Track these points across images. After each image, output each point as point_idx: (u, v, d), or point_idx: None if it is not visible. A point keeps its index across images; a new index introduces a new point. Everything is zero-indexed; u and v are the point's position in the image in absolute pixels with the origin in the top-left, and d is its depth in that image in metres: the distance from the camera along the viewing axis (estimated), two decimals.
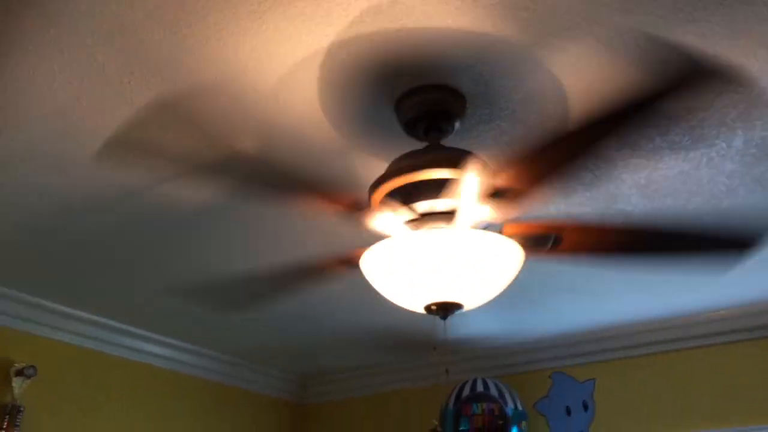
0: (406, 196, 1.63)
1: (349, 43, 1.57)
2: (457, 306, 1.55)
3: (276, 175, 1.64)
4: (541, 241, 1.58)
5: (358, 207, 1.64)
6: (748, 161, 2.03)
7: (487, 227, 1.58)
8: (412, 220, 1.65)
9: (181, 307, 3.16)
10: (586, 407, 3.46)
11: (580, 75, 1.65)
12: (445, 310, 1.54)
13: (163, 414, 3.56)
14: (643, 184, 2.13)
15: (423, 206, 1.62)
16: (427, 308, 1.56)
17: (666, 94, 1.26)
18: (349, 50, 1.59)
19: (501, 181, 1.51)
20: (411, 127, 1.75)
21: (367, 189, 1.67)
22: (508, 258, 1.51)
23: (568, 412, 3.50)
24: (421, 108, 1.74)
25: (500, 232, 1.58)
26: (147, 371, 3.53)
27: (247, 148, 1.89)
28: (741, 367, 3.19)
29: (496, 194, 1.53)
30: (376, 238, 1.62)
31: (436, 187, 1.58)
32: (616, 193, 2.16)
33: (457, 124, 1.75)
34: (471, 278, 1.51)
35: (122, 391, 3.40)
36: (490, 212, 1.56)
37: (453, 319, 3.24)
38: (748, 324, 3.20)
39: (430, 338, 3.59)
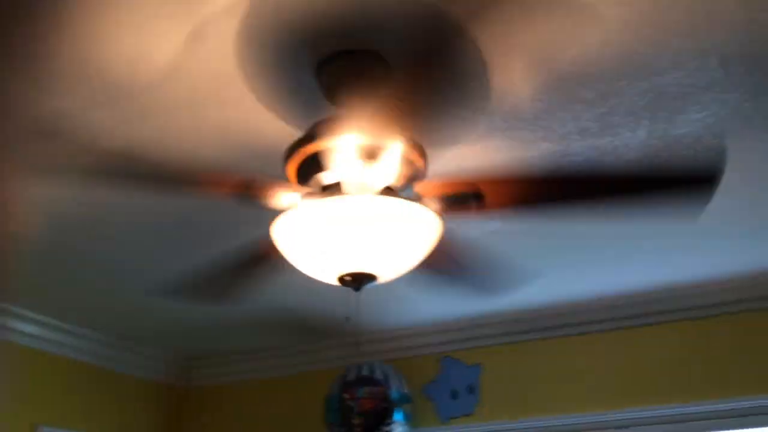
0: (310, 168, 1.55)
1: None
2: (371, 277, 1.50)
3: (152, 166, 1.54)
4: (461, 200, 1.54)
5: (257, 186, 1.55)
6: (650, 153, 2.12)
7: (403, 192, 1.54)
8: (323, 191, 1.59)
9: (48, 280, 2.91)
10: (472, 390, 3.54)
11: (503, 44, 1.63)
12: (358, 281, 1.50)
13: (23, 394, 3.27)
14: (550, 168, 2.17)
15: (326, 177, 1.55)
16: (340, 279, 1.51)
17: None
18: (270, 1, 1.50)
19: (386, 138, 1.45)
20: (332, 94, 1.68)
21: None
22: (423, 226, 1.48)
23: (455, 395, 3.56)
24: (341, 74, 1.67)
25: (417, 196, 1.54)
26: (9, 349, 3.24)
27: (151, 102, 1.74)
28: (622, 353, 3.37)
29: (387, 154, 1.46)
30: None
31: (324, 159, 1.51)
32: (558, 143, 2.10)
33: (381, 91, 1.69)
34: (385, 248, 1.47)
35: None
36: (394, 174, 1.50)
37: (348, 306, 3.23)
38: (626, 312, 3.39)
39: (326, 321, 3.53)
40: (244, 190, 1.53)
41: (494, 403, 3.50)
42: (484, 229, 2.54)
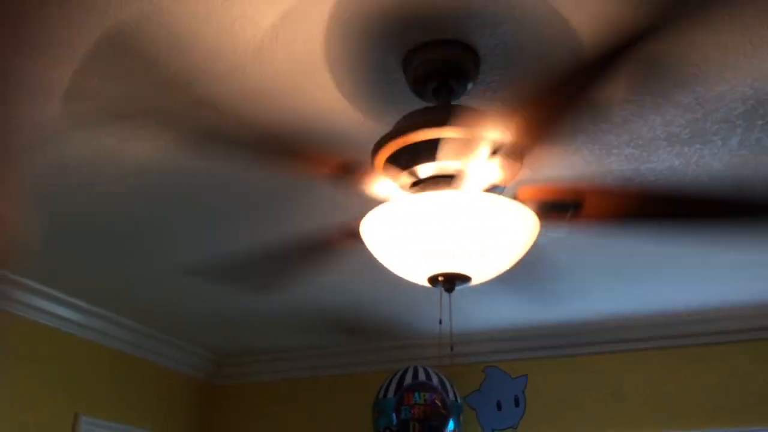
0: (409, 158, 1.49)
1: None
2: (464, 278, 1.42)
3: (262, 136, 1.48)
4: (559, 207, 1.47)
5: (354, 170, 1.49)
6: (736, 163, 2.02)
7: (500, 192, 1.46)
8: (415, 185, 1.52)
9: (93, 266, 2.85)
10: (517, 403, 3.44)
11: (596, 17, 1.54)
12: (450, 282, 1.42)
13: (66, 383, 3.23)
14: (629, 177, 2.08)
15: (426, 169, 1.49)
16: (432, 279, 1.43)
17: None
18: None
19: (507, 137, 1.39)
20: (419, 87, 1.62)
21: (370, 151, 1.53)
22: (521, 226, 1.40)
23: (499, 406, 3.46)
24: (431, 65, 1.60)
25: (515, 197, 1.46)
26: (53, 336, 3.20)
27: (235, 85, 1.68)
28: (671, 373, 3.26)
29: (502, 152, 1.40)
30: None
31: (440, 148, 1.45)
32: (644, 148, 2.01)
33: (469, 85, 1.62)
34: (481, 248, 1.39)
35: (25, 355, 3.06)
36: (499, 173, 1.44)
37: (392, 306, 3.16)
38: (681, 331, 3.27)
39: (366, 322, 3.46)
40: (345, 172, 1.47)
41: (539, 416, 3.40)
42: (548, 237, 2.46)
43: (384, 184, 1.52)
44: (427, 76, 1.60)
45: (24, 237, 2.56)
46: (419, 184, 1.49)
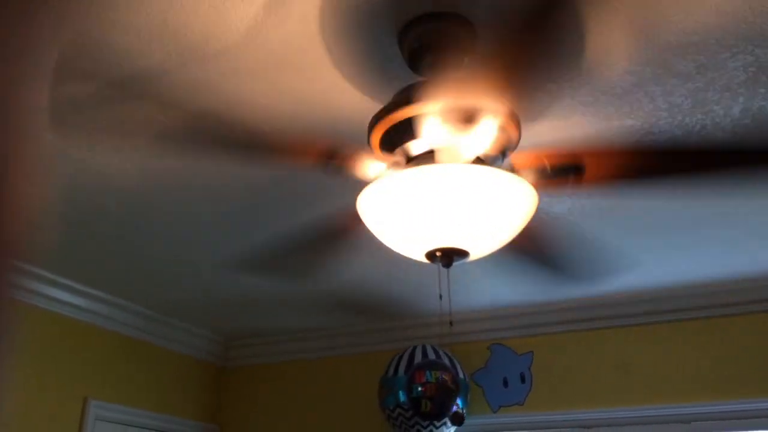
0: (399, 136, 1.47)
1: None
2: (462, 253, 1.41)
3: (243, 130, 1.46)
4: (560, 173, 1.44)
5: (352, 152, 1.48)
6: (738, 133, 1.99)
7: (498, 163, 1.44)
8: (410, 161, 1.50)
9: (100, 252, 2.87)
10: (523, 379, 3.44)
11: None
12: (448, 257, 1.41)
13: (74, 368, 3.26)
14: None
15: (417, 146, 1.47)
16: (429, 255, 1.42)
17: None
18: None
19: (495, 104, 1.36)
20: (415, 61, 1.59)
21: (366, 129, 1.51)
22: (519, 199, 1.38)
23: (506, 383, 3.47)
24: (426, 39, 1.58)
25: (512, 168, 1.45)
26: (60, 321, 3.22)
27: (227, 67, 1.67)
28: (679, 346, 3.25)
29: (492, 120, 1.38)
30: None
31: (414, 126, 1.43)
32: (644, 120, 2.01)
33: (465, 58, 1.60)
34: (478, 222, 1.37)
35: (31, 341, 3.08)
36: (493, 142, 1.42)
37: (396, 286, 3.16)
38: (685, 304, 3.26)
39: (371, 302, 3.46)
40: (330, 158, 1.45)
41: (546, 392, 3.41)
42: (562, 208, 2.43)
43: (382, 164, 1.50)
44: (422, 51, 1.58)
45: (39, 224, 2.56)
46: (413, 160, 1.48)
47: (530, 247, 1.75)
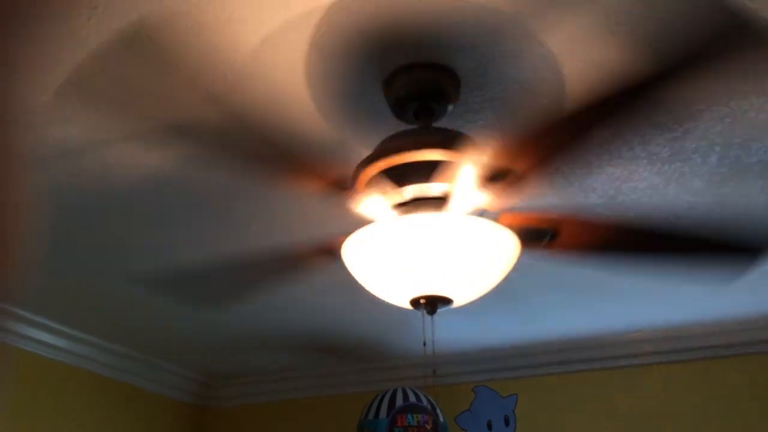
0: (395, 179, 1.50)
1: (349, 5, 1.43)
2: (446, 301, 1.42)
3: (248, 142, 1.47)
4: (535, 235, 1.48)
5: (343, 185, 1.50)
6: (716, 181, 2.04)
7: (483, 215, 1.47)
8: (401, 205, 1.52)
9: (70, 286, 2.79)
10: (507, 422, 3.42)
11: (578, 55, 1.57)
12: (432, 304, 1.42)
13: (41, 409, 3.18)
14: (611, 195, 2.10)
15: (412, 191, 1.49)
16: (414, 302, 1.43)
17: (665, 78, 1.21)
18: (350, 12, 1.45)
19: (498, 164, 1.40)
20: (400, 108, 1.63)
21: (353, 169, 1.53)
22: (503, 249, 1.41)
23: (489, 426, 3.45)
24: (412, 88, 1.62)
25: (496, 221, 1.47)
26: (38, 363, 3.16)
27: (216, 109, 1.69)
28: (662, 388, 3.26)
29: (492, 179, 1.42)
30: (362, 224, 1.47)
31: (427, 170, 1.47)
32: (583, 200, 2.12)
33: (450, 107, 1.64)
34: (463, 270, 1.39)
35: (12, 383, 3.02)
36: (486, 199, 1.45)
37: (374, 327, 3.14)
38: (671, 346, 3.28)
39: (350, 343, 3.44)
40: (339, 187, 1.47)
41: None
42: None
43: (367, 204, 1.52)
44: (408, 99, 1.62)
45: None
46: (403, 205, 1.50)
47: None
